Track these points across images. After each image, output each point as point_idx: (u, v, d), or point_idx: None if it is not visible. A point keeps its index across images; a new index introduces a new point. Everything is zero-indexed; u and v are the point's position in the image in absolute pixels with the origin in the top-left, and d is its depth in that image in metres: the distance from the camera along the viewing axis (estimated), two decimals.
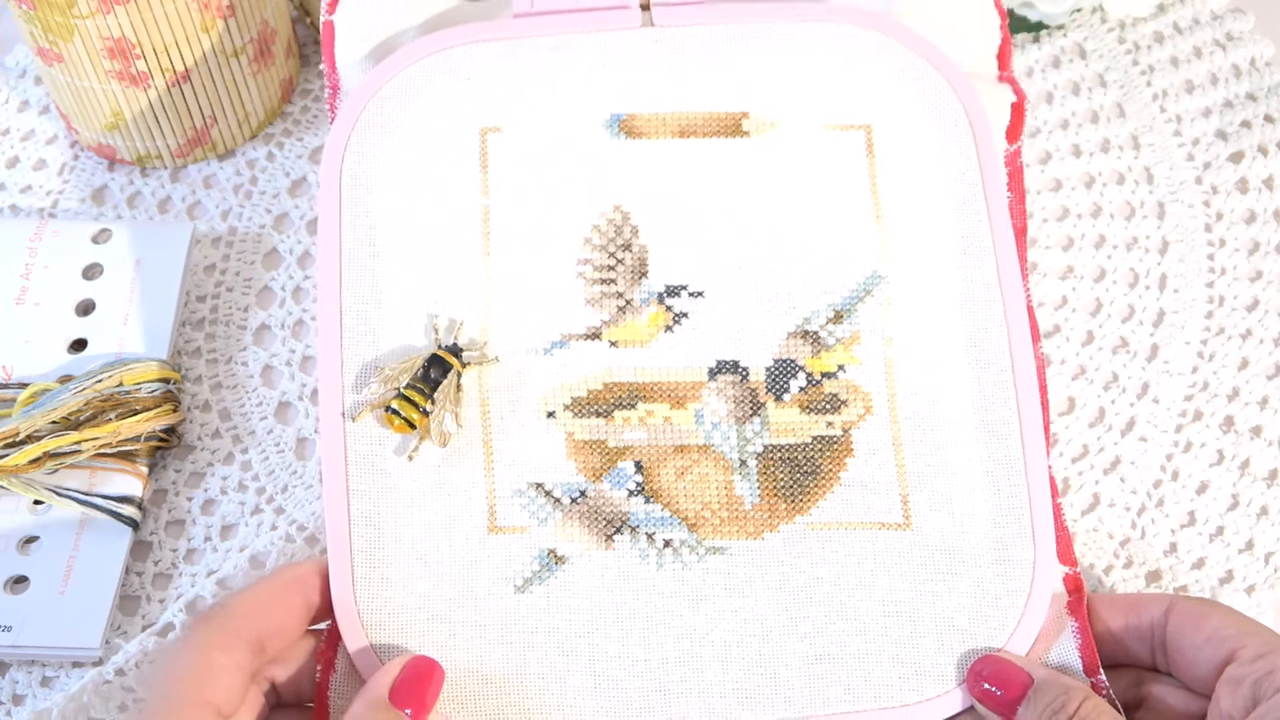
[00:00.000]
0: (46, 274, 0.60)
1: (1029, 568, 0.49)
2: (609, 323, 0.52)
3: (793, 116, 0.54)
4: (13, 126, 0.67)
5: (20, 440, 0.54)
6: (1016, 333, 0.52)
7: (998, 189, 0.53)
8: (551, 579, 0.49)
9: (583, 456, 0.51)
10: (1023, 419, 0.51)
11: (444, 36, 0.55)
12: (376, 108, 0.54)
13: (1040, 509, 0.50)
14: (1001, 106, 0.56)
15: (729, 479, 0.51)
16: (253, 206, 0.64)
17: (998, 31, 0.57)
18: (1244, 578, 0.54)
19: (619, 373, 0.52)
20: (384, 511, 0.50)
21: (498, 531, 0.50)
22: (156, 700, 0.44)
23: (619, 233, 0.53)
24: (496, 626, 0.49)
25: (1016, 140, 0.56)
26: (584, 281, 0.53)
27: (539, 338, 0.52)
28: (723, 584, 0.49)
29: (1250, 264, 0.61)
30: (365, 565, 0.49)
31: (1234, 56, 0.66)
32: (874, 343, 0.52)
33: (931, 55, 0.55)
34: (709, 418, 0.51)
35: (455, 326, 0.52)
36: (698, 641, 0.49)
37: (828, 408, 0.51)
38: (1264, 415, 0.57)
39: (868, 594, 0.49)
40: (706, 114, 0.54)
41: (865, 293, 0.53)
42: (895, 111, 0.54)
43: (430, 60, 0.54)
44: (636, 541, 0.50)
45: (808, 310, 0.52)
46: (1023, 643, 0.48)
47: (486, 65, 0.55)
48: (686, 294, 0.53)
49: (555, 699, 0.48)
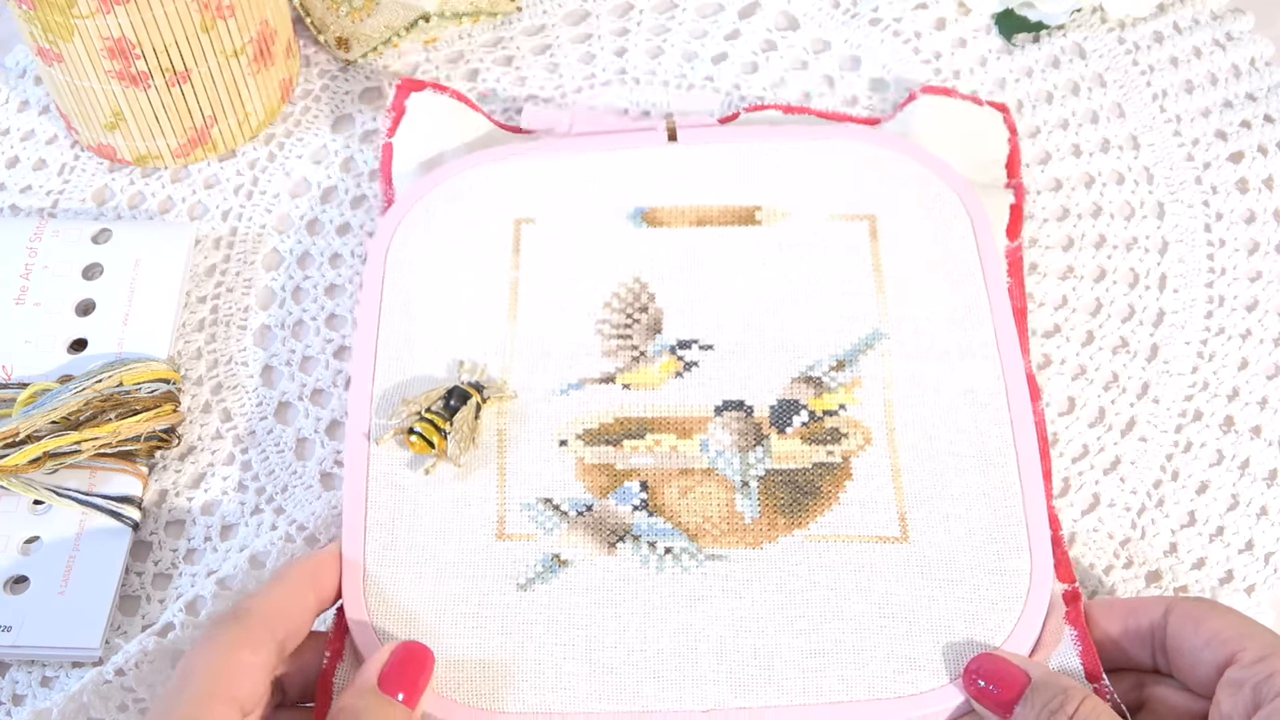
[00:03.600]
0: (46, 274, 0.60)
1: (1025, 577, 0.50)
2: (623, 370, 0.56)
3: (802, 208, 0.60)
4: (13, 126, 0.67)
5: (20, 440, 0.54)
6: (1014, 388, 0.54)
7: (996, 272, 0.57)
8: (554, 579, 0.51)
9: (591, 477, 0.53)
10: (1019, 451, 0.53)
11: (489, 153, 0.62)
12: (424, 206, 0.60)
13: (1036, 525, 0.51)
14: (1002, 209, 0.60)
15: (731, 497, 0.52)
16: (253, 207, 0.64)
17: (1006, 144, 0.63)
18: (1244, 578, 0.54)
19: (630, 410, 0.55)
20: (398, 520, 0.52)
21: (505, 538, 0.52)
22: (180, 697, 0.44)
23: (637, 298, 0.57)
24: (497, 619, 0.50)
25: (1016, 238, 0.60)
26: (601, 337, 0.57)
27: (556, 380, 0.55)
28: (720, 586, 0.50)
29: (1250, 264, 0.61)
30: (376, 564, 0.51)
31: (1234, 56, 0.66)
32: (874, 388, 0.55)
33: (934, 164, 0.61)
34: (714, 446, 0.54)
35: (479, 369, 0.55)
36: (694, 636, 0.50)
37: (829, 439, 0.54)
38: (1264, 415, 0.57)
39: (864, 597, 0.50)
40: (722, 207, 0.60)
41: (867, 346, 0.56)
42: (899, 206, 0.59)
43: (475, 171, 0.61)
44: (638, 549, 0.51)
45: (811, 359, 0.56)
46: (1021, 644, 0.49)
47: (525, 172, 0.61)
48: (697, 346, 0.56)
49: (550, 681, 0.49)
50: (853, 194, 0.60)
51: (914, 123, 0.62)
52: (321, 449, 0.58)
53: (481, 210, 0.60)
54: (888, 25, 0.68)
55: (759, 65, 0.68)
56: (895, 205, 0.59)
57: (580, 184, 0.61)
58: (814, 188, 0.60)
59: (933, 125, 0.62)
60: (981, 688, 0.47)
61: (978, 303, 0.56)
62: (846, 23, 0.69)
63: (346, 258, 0.63)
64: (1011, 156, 0.62)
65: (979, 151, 0.62)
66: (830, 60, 0.68)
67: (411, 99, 0.63)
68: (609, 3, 0.70)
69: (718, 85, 0.67)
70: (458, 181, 0.61)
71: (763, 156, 0.61)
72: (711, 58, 0.68)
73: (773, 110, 0.64)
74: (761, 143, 0.61)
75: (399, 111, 0.63)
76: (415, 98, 0.63)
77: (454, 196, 0.60)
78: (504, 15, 0.69)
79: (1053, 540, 0.51)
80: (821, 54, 0.68)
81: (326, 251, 0.63)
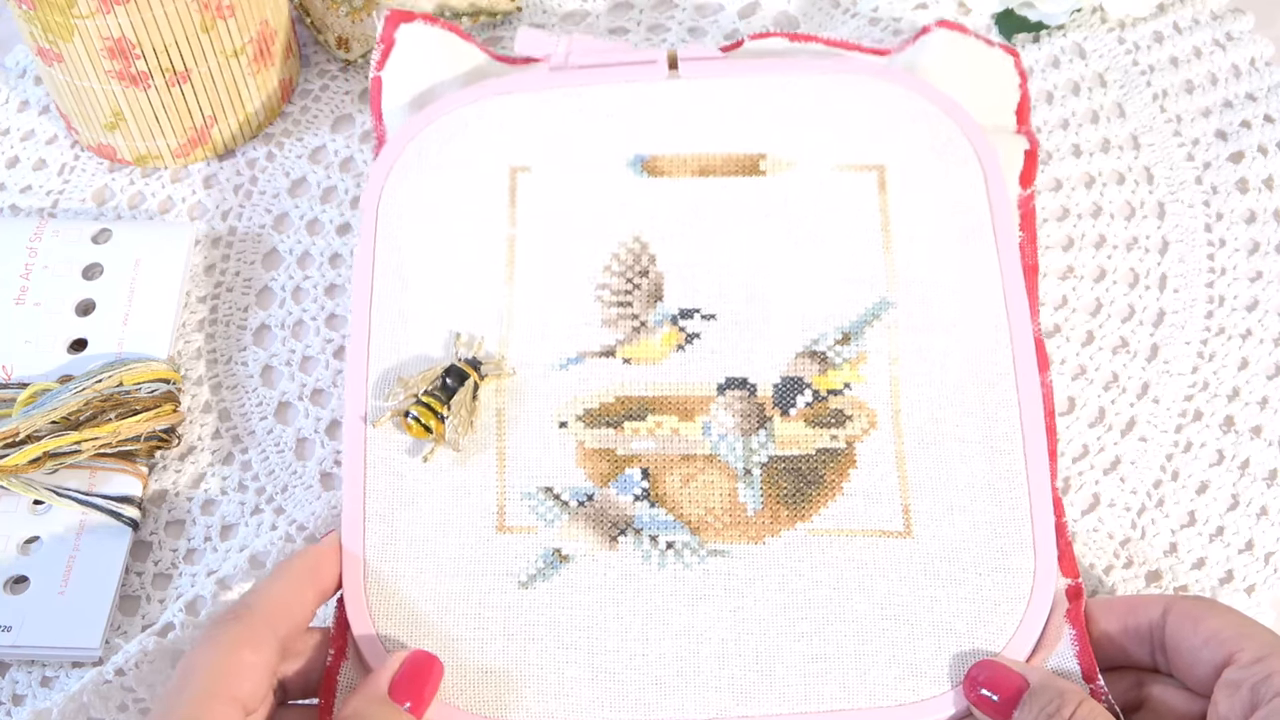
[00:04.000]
0: (46, 274, 0.60)
1: (1029, 575, 0.50)
2: (623, 342, 0.55)
3: (808, 157, 0.57)
4: (13, 126, 0.67)
5: (20, 440, 0.54)
6: (1022, 358, 0.53)
7: (1007, 226, 0.55)
8: (555, 576, 0.50)
9: (592, 463, 0.52)
10: (1026, 435, 0.52)
11: (482, 88, 0.59)
12: (416, 148, 0.58)
13: (1042, 519, 0.50)
14: (1015, 154, 0.59)
15: (733, 486, 0.52)
16: (253, 206, 0.64)
17: (1016, 90, 0.61)
18: (1244, 578, 0.54)
19: (631, 387, 0.54)
20: (398, 510, 0.51)
21: (506, 531, 0.51)
22: (181, 696, 0.43)
23: (637, 260, 0.56)
24: (499, 620, 0.49)
25: (1030, 185, 0.58)
26: (601, 304, 0.55)
27: (555, 354, 0.54)
28: (722, 585, 0.50)
29: (1250, 264, 0.61)
30: (377, 559, 0.50)
31: (1234, 56, 0.66)
32: (880, 363, 0.54)
33: (943, 102, 0.58)
34: (716, 430, 0.53)
35: (475, 342, 0.54)
36: (695, 639, 0.49)
37: (832, 422, 0.53)
38: (1264, 415, 0.57)
39: (866, 597, 0.49)
40: (725, 155, 0.58)
41: (873, 317, 0.54)
42: (907, 153, 0.57)
43: (468, 108, 0.58)
44: (640, 543, 0.51)
45: (816, 333, 0.54)
46: (1022, 647, 0.49)
47: (520, 112, 0.58)
48: (699, 316, 0.55)
49: (553, 688, 0.48)
50: (861, 140, 0.57)
51: (923, 58, 0.60)
52: (321, 449, 0.58)
53: (476, 153, 0.58)
54: (887, 25, 0.68)
55: None
56: (904, 152, 0.57)
57: (579, 125, 0.58)
58: (820, 133, 0.58)
59: (943, 62, 0.60)
60: (983, 695, 0.47)
61: (987, 261, 0.55)
62: (846, 22, 0.69)
63: (346, 258, 0.63)
64: (1022, 104, 0.61)
65: (989, 93, 0.60)
66: None
67: (401, 30, 0.61)
68: (609, 3, 0.70)
69: None
70: (451, 120, 0.58)
71: (768, 95, 0.58)
72: None
73: (778, 38, 0.62)
74: (767, 77, 0.59)
75: (388, 44, 0.61)
76: (405, 29, 0.61)
77: (448, 136, 0.58)
78: (504, 15, 0.69)
79: (1056, 529, 0.50)
80: None
81: (326, 251, 0.63)
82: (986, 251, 0.55)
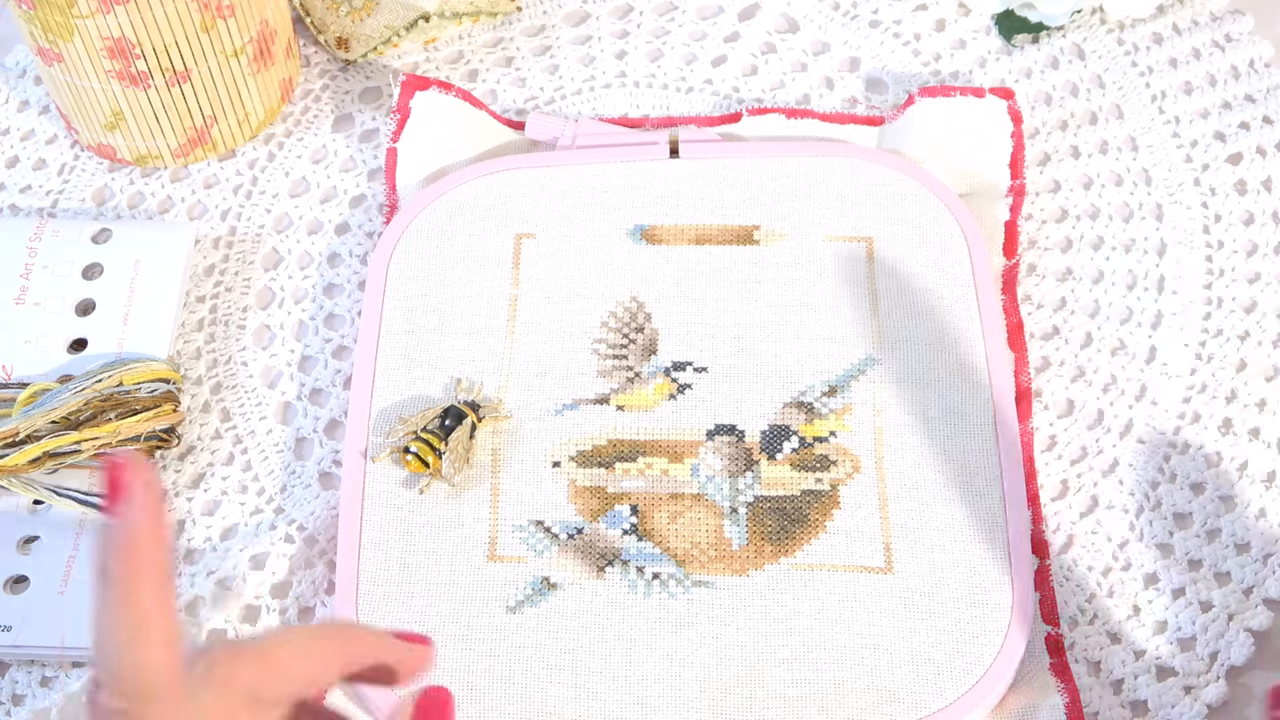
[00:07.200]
0: (46, 274, 0.60)
1: (1007, 610, 0.51)
2: (617, 391, 0.56)
3: (801, 229, 0.60)
4: (13, 126, 0.67)
5: (20, 440, 0.54)
6: (1002, 410, 0.55)
7: (989, 293, 0.58)
8: (543, 602, 0.52)
9: (583, 500, 0.54)
10: (1005, 481, 0.53)
11: (491, 164, 0.62)
12: (427, 216, 0.61)
13: (1019, 558, 0.52)
14: (999, 224, 0.61)
15: (719, 523, 0.53)
16: (252, 207, 0.64)
17: (1009, 139, 0.62)
18: (1242, 579, 0.54)
19: (623, 431, 0.55)
20: (392, 539, 0.53)
21: (497, 560, 0.53)
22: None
23: (633, 318, 0.58)
24: (486, 642, 0.51)
25: (1013, 256, 0.60)
26: (597, 357, 0.57)
27: (551, 400, 0.56)
28: (706, 613, 0.51)
29: (1248, 266, 0.61)
30: (369, 584, 0.52)
31: (1232, 58, 0.66)
32: (865, 414, 0.55)
33: (928, 181, 0.61)
34: (704, 471, 0.54)
35: (474, 387, 0.56)
36: (679, 663, 0.50)
37: (818, 466, 0.54)
38: (1262, 417, 0.57)
39: (846, 628, 0.51)
40: (722, 226, 0.60)
41: (859, 372, 0.56)
42: (895, 228, 0.59)
43: (478, 182, 0.62)
44: (627, 573, 0.52)
45: (804, 385, 0.56)
46: (999, 678, 0.50)
47: (527, 185, 0.62)
48: (692, 369, 0.57)
49: (537, 705, 0.50)
50: (851, 215, 0.60)
51: (913, 126, 0.62)
52: (320, 449, 0.58)
53: (484, 222, 0.60)
54: (887, 27, 0.69)
55: (758, 68, 0.68)
56: (892, 227, 0.60)
57: (582, 198, 0.61)
58: (813, 208, 0.60)
59: (932, 128, 0.62)
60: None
61: (970, 325, 0.57)
62: (846, 24, 0.69)
63: (345, 258, 0.63)
64: (1015, 154, 0.62)
65: (981, 153, 0.62)
66: (830, 62, 0.68)
67: (416, 99, 0.63)
68: (609, 4, 0.70)
69: (716, 89, 0.67)
70: (461, 192, 0.61)
71: (763, 173, 0.61)
72: (711, 60, 0.68)
73: (775, 115, 0.64)
74: (763, 159, 0.62)
75: (404, 114, 0.63)
76: (420, 98, 0.63)
77: (457, 208, 0.61)
78: (504, 15, 0.69)
79: (1039, 571, 0.52)
80: (821, 56, 0.68)
81: (326, 251, 0.63)
82: (969, 316, 0.57)
